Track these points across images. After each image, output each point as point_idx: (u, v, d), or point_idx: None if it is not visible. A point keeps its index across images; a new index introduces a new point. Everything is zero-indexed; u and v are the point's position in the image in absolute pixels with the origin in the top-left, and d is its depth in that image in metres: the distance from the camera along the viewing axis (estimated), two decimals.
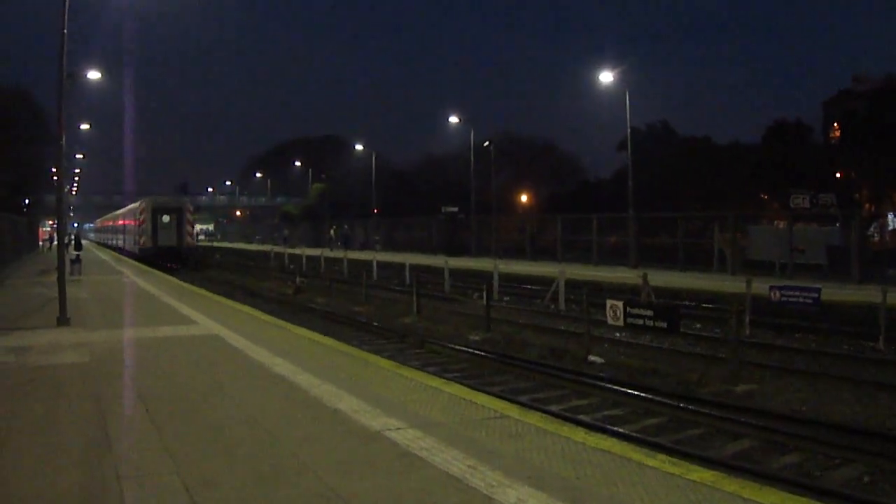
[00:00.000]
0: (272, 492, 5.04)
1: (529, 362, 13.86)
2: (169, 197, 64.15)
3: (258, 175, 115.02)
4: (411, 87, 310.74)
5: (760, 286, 16.93)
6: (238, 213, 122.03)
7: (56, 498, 5.02)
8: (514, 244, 42.65)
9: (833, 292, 17.49)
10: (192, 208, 50.10)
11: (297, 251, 49.44)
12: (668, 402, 10.66)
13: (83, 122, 47.75)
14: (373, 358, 10.79)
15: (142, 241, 47.42)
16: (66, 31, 14.72)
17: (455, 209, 50.96)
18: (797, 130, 61.40)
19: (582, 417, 10.06)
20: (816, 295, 15.43)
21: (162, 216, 46.72)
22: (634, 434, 9.19)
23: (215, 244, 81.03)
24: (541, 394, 11.84)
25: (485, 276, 25.27)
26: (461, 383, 10.27)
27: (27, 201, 62.48)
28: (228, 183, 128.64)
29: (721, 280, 23.63)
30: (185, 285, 25.78)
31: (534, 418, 7.07)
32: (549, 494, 4.89)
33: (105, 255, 53.45)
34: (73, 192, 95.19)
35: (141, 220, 47.79)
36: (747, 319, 16.12)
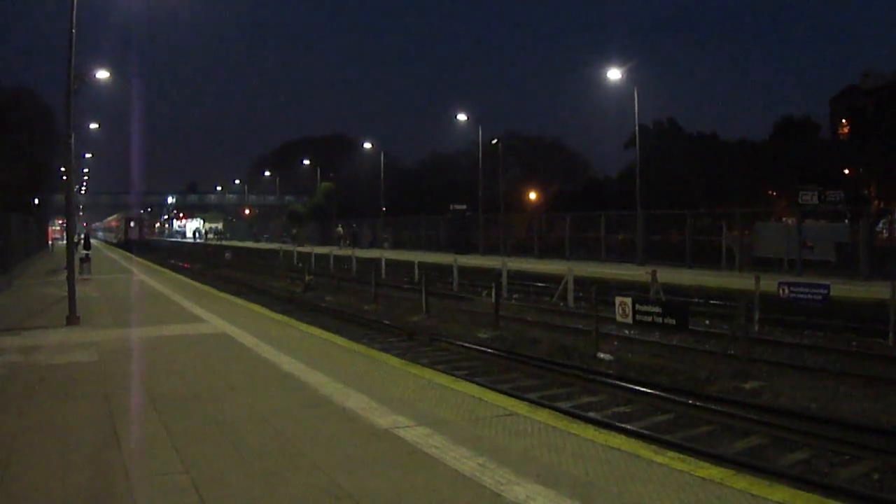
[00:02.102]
0: (281, 489, 5.05)
1: (538, 360, 13.84)
2: (134, 213, 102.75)
3: (267, 174, 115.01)
4: (419, 86, 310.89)
5: (769, 283, 16.87)
6: (247, 211, 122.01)
7: (66, 496, 5.04)
8: (523, 242, 42.63)
9: (842, 289, 17.42)
10: (146, 219, 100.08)
11: (306, 249, 49.53)
12: (677, 398, 10.64)
13: (92, 122, 47.86)
14: (382, 356, 10.81)
15: (119, 237, 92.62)
16: (73, 30, 14.78)
17: (463, 207, 50.92)
18: (805, 127, 61.25)
19: (591, 415, 10.07)
20: (825, 291, 15.37)
21: (130, 223, 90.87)
22: (643, 431, 9.17)
23: (224, 243, 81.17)
24: (550, 391, 11.84)
25: (493, 274, 25.26)
26: (470, 381, 10.28)
27: (36, 201, 62.69)
28: (237, 182, 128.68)
29: (729, 277, 23.57)
30: (195, 283, 25.86)
31: (543, 416, 7.07)
32: (558, 492, 4.90)
33: (114, 254, 53.71)
34: (82, 192, 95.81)
35: (118, 225, 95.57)
36: (756, 316, 16.08)
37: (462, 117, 53.90)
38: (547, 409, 8.14)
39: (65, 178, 19.39)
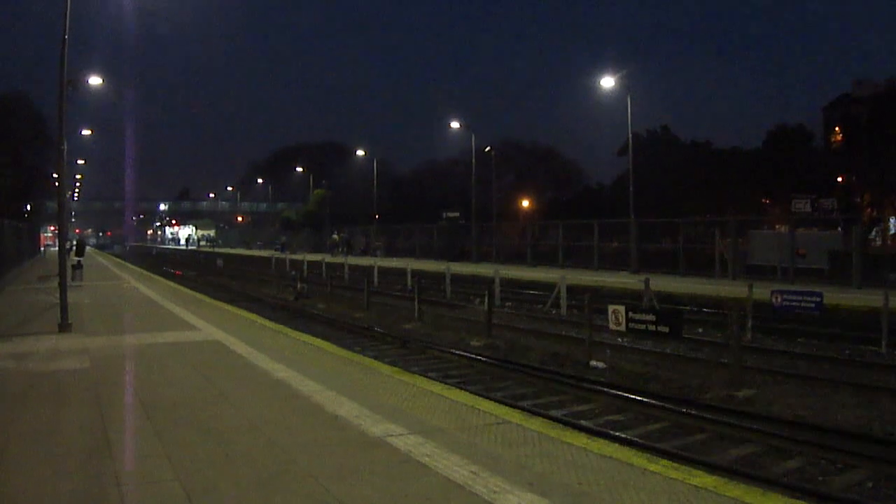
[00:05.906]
0: (272, 498, 5.02)
1: (531, 368, 13.82)
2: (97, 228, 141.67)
3: (259, 181, 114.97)
4: (413, 94, 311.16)
5: (762, 291, 16.90)
6: (239, 218, 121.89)
7: None
8: (516, 250, 42.66)
9: (834, 297, 17.47)
10: (109, 232, 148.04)
11: (299, 257, 49.44)
12: (671, 407, 10.64)
13: (85, 129, 47.71)
14: (374, 364, 10.77)
15: (91, 243, 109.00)
16: (67, 36, 14.75)
17: (456, 215, 50.93)
18: (798, 135, 61.37)
19: (584, 423, 10.04)
20: (818, 299, 15.41)
21: (99, 234, 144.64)
22: (636, 439, 9.17)
23: (216, 250, 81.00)
24: (543, 399, 11.82)
25: (486, 282, 25.24)
26: (463, 389, 10.26)
27: (29, 207, 62.51)
28: (230, 189, 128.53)
29: (722, 285, 23.60)
30: (187, 291, 25.79)
31: (536, 424, 7.05)
32: (551, 500, 4.88)
33: (107, 261, 53.55)
34: (75, 198, 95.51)
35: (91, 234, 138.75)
36: (749, 324, 16.10)
37: (455, 125, 53.87)
38: (540, 418, 8.12)
39: (57, 184, 19.33)
